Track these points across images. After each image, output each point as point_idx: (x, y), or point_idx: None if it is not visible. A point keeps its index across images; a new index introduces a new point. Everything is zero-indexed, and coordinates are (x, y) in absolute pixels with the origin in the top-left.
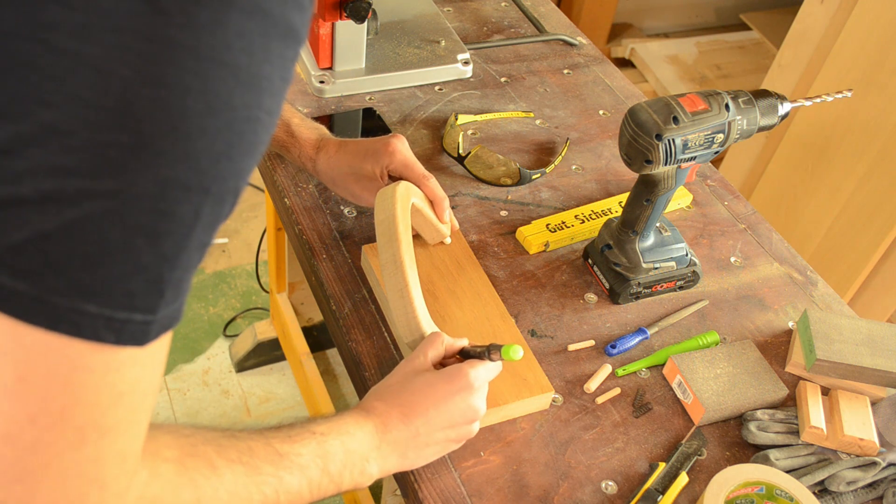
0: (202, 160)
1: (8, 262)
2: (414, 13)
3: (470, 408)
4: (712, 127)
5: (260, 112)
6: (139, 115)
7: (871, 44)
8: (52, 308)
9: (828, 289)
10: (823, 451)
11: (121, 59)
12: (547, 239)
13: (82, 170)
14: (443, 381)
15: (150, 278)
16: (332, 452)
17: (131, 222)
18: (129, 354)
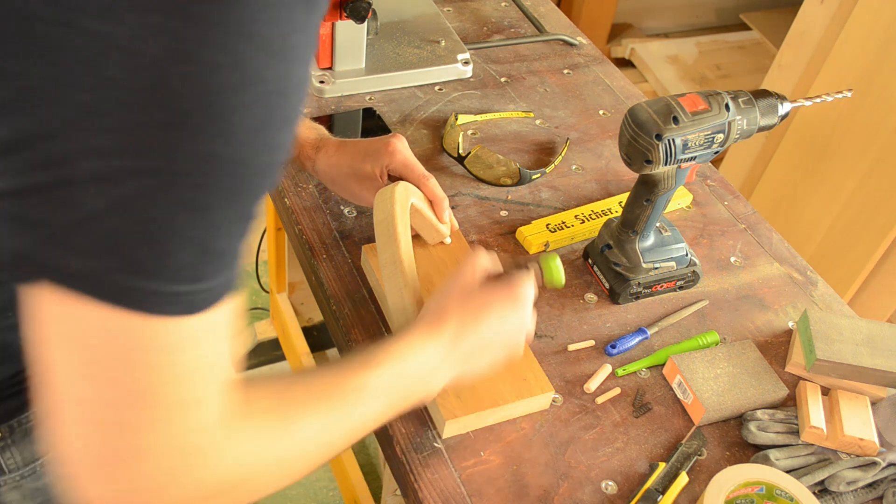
0: (238, 134)
1: (66, 242)
2: (414, 13)
3: (524, 319)
4: (712, 127)
5: (290, 82)
6: (172, 93)
7: (871, 44)
8: (113, 285)
9: (828, 289)
10: (823, 451)
11: (149, 39)
12: (547, 239)
13: (123, 149)
14: (503, 293)
15: (199, 250)
16: (408, 373)
17: (175, 198)
18: (192, 324)
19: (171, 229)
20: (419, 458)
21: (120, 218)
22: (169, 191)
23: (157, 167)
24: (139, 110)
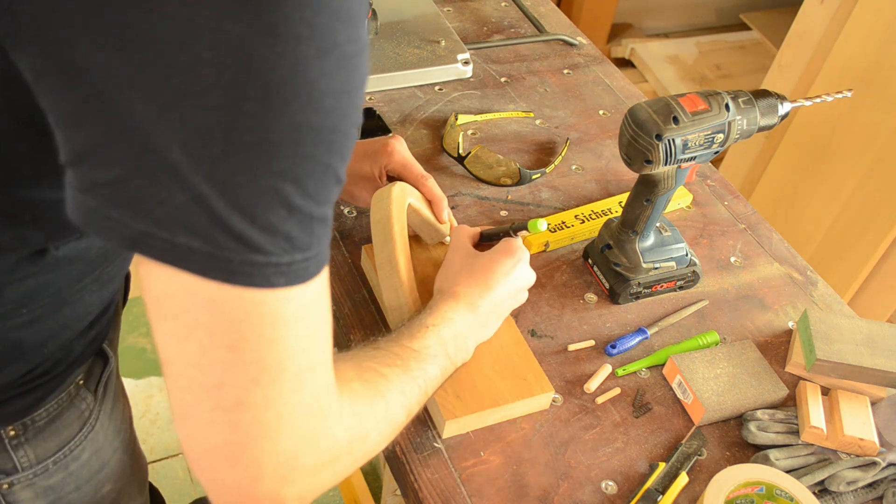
0: (326, 100)
1: (179, 222)
2: (414, 13)
3: (526, 273)
4: (712, 127)
5: (359, 43)
6: (260, 67)
7: (871, 44)
8: (228, 263)
9: (828, 289)
10: (823, 451)
11: (230, 17)
12: (547, 239)
13: (220, 128)
14: (503, 255)
15: (302, 219)
16: (447, 339)
17: (276, 169)
18: (306, 292)
19: (275, 201)
20: (419, 458)
21: (226, 196)
22: (269, 163)
23: (254, 141)
24: (232, 87)
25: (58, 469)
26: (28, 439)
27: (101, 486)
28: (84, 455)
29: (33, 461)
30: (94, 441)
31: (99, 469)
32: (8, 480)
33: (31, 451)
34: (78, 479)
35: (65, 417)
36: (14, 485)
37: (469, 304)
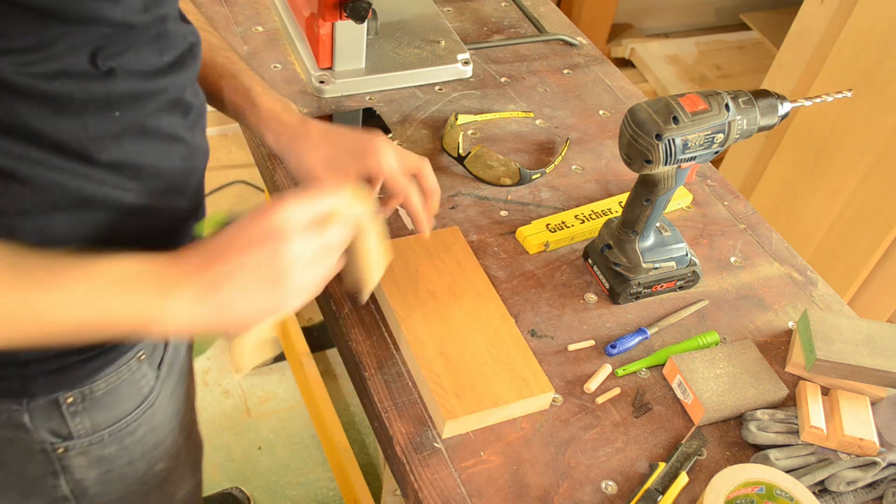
0: None
1: None
2: (414, 13)
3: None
4: (712, 127)
5: None
6: None
7: (871, 44)
8: None
9: (828, 289)
10: (823, 451)
11: None
12: (547, 239)
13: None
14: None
15: None
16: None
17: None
18: None
19: None
20: (419, 458)
21: None
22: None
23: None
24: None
25: (112, 441)
26: (86, 408)
27: (154, 464)
28: (140, 431)
29: (89, 430)
30: (151, 418)
31: (154, 447)
32: (63, 445)
33: (88, 419)
34: (132, 454)
35: (123, 391)
36: (69, 450)
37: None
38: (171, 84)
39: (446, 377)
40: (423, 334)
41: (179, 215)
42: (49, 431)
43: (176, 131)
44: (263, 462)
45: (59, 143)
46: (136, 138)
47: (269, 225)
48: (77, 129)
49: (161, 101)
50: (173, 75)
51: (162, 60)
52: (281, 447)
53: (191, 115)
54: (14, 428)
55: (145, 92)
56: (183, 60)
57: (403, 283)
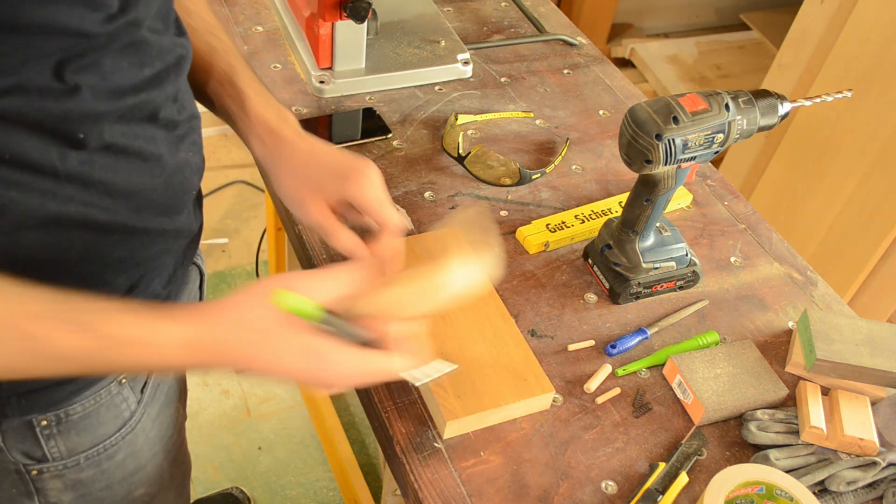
0: None
1: None
2: (414, 13)
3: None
4: (712, 127)
5: None
6: None
7: (871, 44)
8: None
9: (828, 289)
10: (823, 451)
11: None
12: (547, 239)
13: None
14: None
15: None
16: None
17: None
18: None
19: None
20: (419, 458)
21: None
22: None
23: None
24: None
25: (89, 465)
26: (61, 431)
27: (135, 489)
28: (119, 455)
29: (64, 453)
30: (132, 443)
31: (134, 471)
32: (37, 467)
33: (63, 443)
34: (110, 478)
35: (102, 415)
36: (43, 473)
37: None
38: (149, 100)
39: (446, 377)
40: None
41: (168, 235)
42: (22, 453)
43: (154, 148)
44: (263, 462)
45: (18, 159)
46: (104, 155)
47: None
48: (35, 145)
49: (135, 118)
50: (152, 90)
51: (142, 74)
52: (281, 447)
53: (176, 131)
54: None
55: (113, 110)
56: (165, 75)
57: None
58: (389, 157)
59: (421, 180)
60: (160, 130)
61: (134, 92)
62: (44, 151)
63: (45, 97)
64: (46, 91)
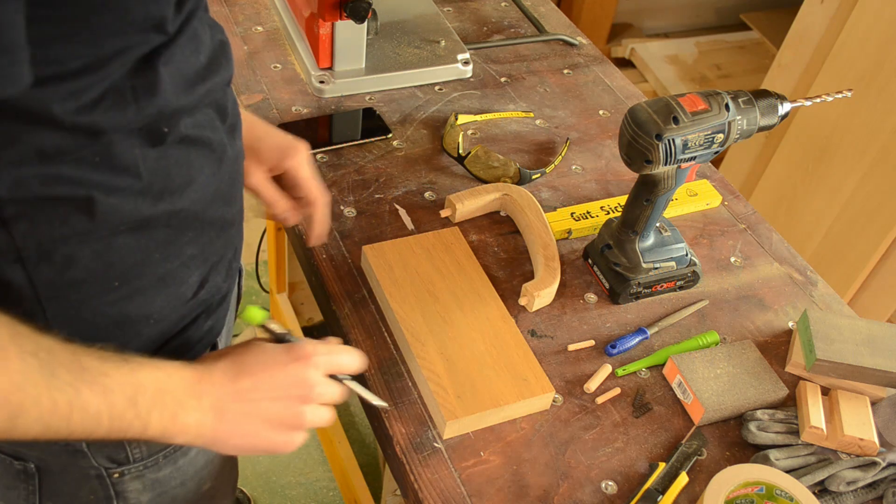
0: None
1: None
2: (414, 13)
3: (305, 381)
4: (712, 127)
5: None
6: None
7: (871, 44)
8: None
9: (828, 289)
10: (823, 451)
11: None
12: (570, 227)
13: None
14: (280, 351)
15: None
16: (144, 385)
17: None
18: None
19: None
20: (419, 458)
21: None
22: None
23: None
24: None
25: (167, 463)
26: None
27: (203, 483)
28: (192, 451)
29: (145, 454)
30: None
31: (204, 465)
32: (119, 470)
33: (145, 443)
34: (184, 475)
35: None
36: (124, 475)
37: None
38: (212, 88)
39: (447, 377)
40: (423, 334)
41: (229, 226)
42: (106, 457)
43: (218, 137)
44: (263, 462)
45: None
46: (178, 148)
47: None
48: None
49: (202, 107)
50: (212, 78)
51: (199, 61)
52: None
53: (229, 119)
54: (71, 455)
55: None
56: (216, 60)
57: (403, 284)
58: (389, 157)
59: (421, 180)
60: (218, 119)
61: (201, 80)
62: (129, 151)
63: (137, 98)
64: (138, 91)
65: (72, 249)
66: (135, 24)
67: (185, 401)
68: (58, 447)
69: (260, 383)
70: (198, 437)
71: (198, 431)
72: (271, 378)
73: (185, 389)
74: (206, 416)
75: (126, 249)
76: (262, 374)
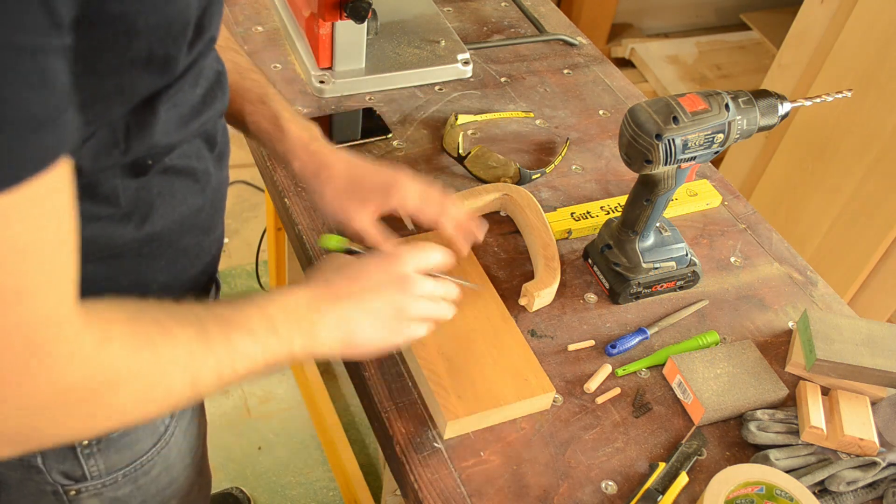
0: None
1: None
2: (414, 13)
3: (399, 275)
4: (712, 127)
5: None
6: None
7: (871, 44)
8: None
9: (828, 289)
10: (823, 451)
11: None
12: (570, 227)
13: None
14: (370, 257)
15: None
16: (276, 317)
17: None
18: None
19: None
20: (419, 458)
21: None
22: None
23: None
24: None
25: (126, 482)
26: (101, 449)
27: (167, 502)
28: (154, 470)
29: (103, 472)
30: (166, 457)
31: (167, 485)
32: (76, 487)
33: (103, 461)
34: (145, 494)
35: (139, 431)
36: (81, 492)
37: (320, 290)
38: (206, 120)
39: (447, 377)
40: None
41: (205, 253)
42: (62, 474)
43: (203, 167)
44: (263, 462)
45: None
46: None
47: (397, 268)
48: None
49: (193, 139)
50: (206, 111)
51: (195, 95)
52: (281, 447)
53: (217, 148)
54: (26, 469)
55: (183, 137)
56: (212, 93)
57: None
58: (389, 157)
59: None
60: (205, 148)
61: (195, 116)
62: (110, 181)
63: (127, 140)
64: (128, 134)
65: None
66: (136, 63)
67: (313, 318)
68: (13, 462)
69: (363, 284)
70: (335, 350)
71: (333, 343)
72: (370, 278)
73: (307, 307)
74: (334, 328)
75: (92, 278)
76: (362, 276)
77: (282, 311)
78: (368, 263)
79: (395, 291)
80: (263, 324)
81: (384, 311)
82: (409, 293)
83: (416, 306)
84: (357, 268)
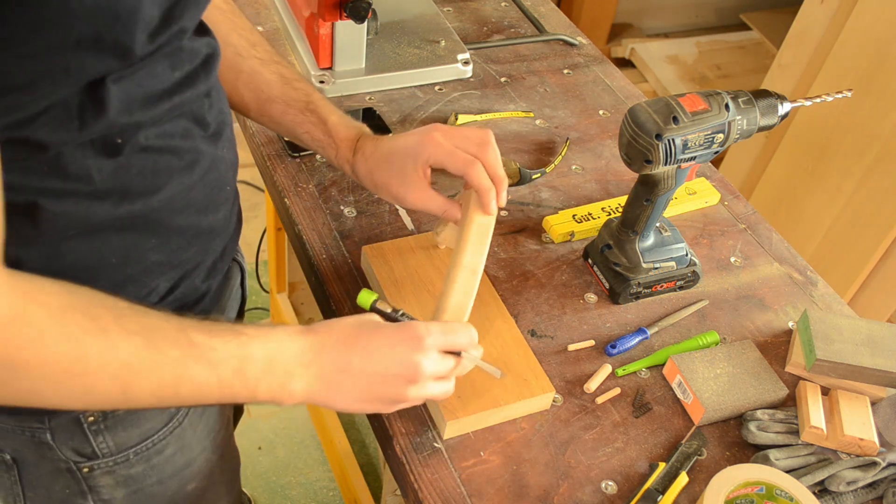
0: None
1: None
2: (414, 13)
3: (412, 363)
4: (712, 127)
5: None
6: None
7: (871, 44)
8: None
9: (828, 289)
10: (823, 451)
11: None
12: (572, 229)
13: None
14: (392, 328)
15: None
16: (254, 357)
17: None
18: None
19: None
20: (419, 458)
21: None
22: None
23: None
24: None
25: (139, 460)
26: (108, 427)
27: (186, 483)
28: (168, 450)
29: (113, 449)
30: (180, 437)
31: (184, 466)
32: (88, 465)
33: (111, 438)
34: (161, 473)
35: (147, 409)
36: (94, 470)
37: (318, 344)
38: (182, 101)
39: None
40: None
41: (205, 234)
42: (72, 450)
43: (190, 145)
44: (263, 462)
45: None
46: (141, 157)
47: (413, 357)
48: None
49: (170, 119)
50: (184, 92)
51: (172, 77)
52: (281, 447)
53: (211, 128)
54: (38, 446)
55: (149, 117)
56: (195, 75)
57: (403, 284)
58: None
59: None
60: (195, 127)
61: (167, 96)
62: (80, 161)
63: (82, 116)
64: (82, 110)
65: (17, 252)
66: (82, 45)
67: (293, 369)
68: (24, 438)
69: (368, 361)
70: (305, 401)
71: (304, 397)
72: (380, 357)
73: (294, 358)
74: (312, 384)
75: (77, 253)
76: (372, 352)
77: (264, 353)
78: (387, 340)
79: (399, 382)
80: (231, 360)
81: (379, 392)
82: (414, 382)
83: (415, 393)
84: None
